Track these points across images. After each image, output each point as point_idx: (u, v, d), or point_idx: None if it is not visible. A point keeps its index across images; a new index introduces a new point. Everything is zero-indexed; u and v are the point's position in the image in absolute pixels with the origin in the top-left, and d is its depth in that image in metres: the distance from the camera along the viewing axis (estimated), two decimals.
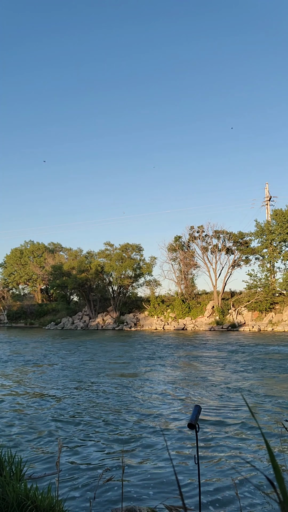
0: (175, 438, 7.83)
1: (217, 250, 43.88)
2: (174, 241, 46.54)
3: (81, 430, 8.43)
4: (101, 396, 11.51)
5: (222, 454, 7.02)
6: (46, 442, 7.70)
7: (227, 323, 39.91)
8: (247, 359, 18.96)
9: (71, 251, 55.48)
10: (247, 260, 44.60)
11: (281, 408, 9.92)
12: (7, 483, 3.86)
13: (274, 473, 0.70)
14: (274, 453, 6.75)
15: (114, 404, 10.59)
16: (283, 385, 12.80)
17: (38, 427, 8.64)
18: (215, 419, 9.01)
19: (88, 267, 47.20)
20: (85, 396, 11.54)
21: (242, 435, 7.96)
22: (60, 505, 3.87)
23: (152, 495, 5.55)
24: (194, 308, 43.99)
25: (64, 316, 49.62)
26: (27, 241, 64.82)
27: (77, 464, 6.63)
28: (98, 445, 7.52)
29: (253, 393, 11.73)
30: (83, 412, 9.80)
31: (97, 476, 5.99)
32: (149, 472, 6.31)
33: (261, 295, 40.54)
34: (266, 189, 49.34)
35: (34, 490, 3.82)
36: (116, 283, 47.00)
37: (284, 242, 42.56)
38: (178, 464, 6.59)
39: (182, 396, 11.60)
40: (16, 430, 8.41)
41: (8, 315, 54.86)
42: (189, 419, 2.99)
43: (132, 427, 8.58)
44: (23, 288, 63.86)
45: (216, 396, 11.37)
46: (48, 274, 53.63)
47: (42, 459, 6.80)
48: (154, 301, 45.99)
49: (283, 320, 38.62)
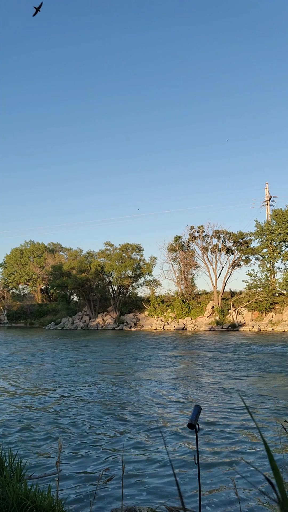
0: (175, 438, 7.84)
1: (217, 250, 43.88)
2: (174, 241, 46.55)
3: (81, 430, 8.43)
4: (100, 396, 11.51)
5: (222, 454, 7.03)
6: (46, 442, 7.70)
7: (227, 323, 39.91)
8: (247, 359, 18.96)
9: (71, 251, 55.47)
10: (247, 260, 44.62)
11: (281, 408, 9.92)
12: (7, 483, 3.87)
13: (273, 473, 0.70)
14: (273, 454, 6.72)
15: (113, 404, 10.60)
16: (283, 385, 12.80)
17: (38, 427, 8.65)
18: (215, 419, 9.01)
19: (88, 267, 47.19)
20: (84, 396, 11.54)
21: (242, 435, 7.97)
22: (60, 505, 3.87)
23: (152, 495, 5.56)
24: (194, 308, 43.98)
25: (64, 316, 49.60)
26: (27, 241, 64.87)
27: (77, 464, 6.64)
28: (98, 445, 7.52)
29: (252, 393, 11.73)
30: (82, 412, 9.81)
31: (97, 476, 6.00)
32: (149, 472, 6.31)
33: (261, 295, 40.55)
34: (266, 189, 49.35)
35: (34, 490, 3.83)
36: (116, 283, 46.99)
37: (284, 242, 42.56)
38: (178, 464, 6.60)
39: (182, 396, 11.60)
40: (16, 431, 8.41)
41: (8, 315, 54.85)
42: (189, 419, 2.99)
43: (132, 427, 8.59)
44: (23, 288, 63.87)
45: (216, 396, 11.37)
46: (48, 274, 53.62)
47: (42, 459, 6.81)
48: (154, 301, 45.98)
49: (283, 320, 38.62)
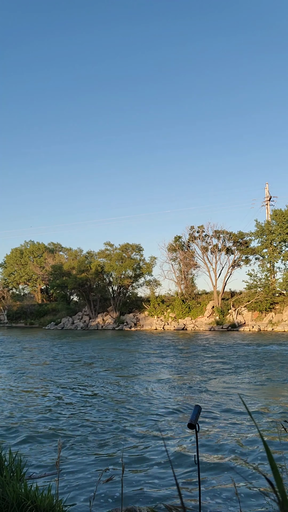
0: (174, 438, 7.84)
1: (217, 250, 43.86)
2: (174, 241, 46.52)
3: (81, 430, 8.43)
4: (100, 396, 11.51)
5: (222, 454, 7.03)
6: (46, 442, 7.71)
7: (227, 323, 39.90)
8: (247, 359, 18.96)
9: (71, 251, 55.46)
10: (247, 260, 44.60)
11: (280, 408, 9.92)
12: (7, 483, 3.86)
13: (273, 473, 0.70)
14: (273, 454, 6.71)
15: (113, 404, 10.59)
16: (282, 386, 12.80)
17: (38, 427, 8.65)
18: (215, 419, 9.01)
19: (88, 267, 47.18)
20: (84, 396, 11.54)
21: (242, 435, 7.97)
22: (60, 505, 3.87)
23: (152, 495, 5.56)
24: (194, 308, 43.97)
25: (64, 316, 49.58)
26: (27, 241, 64.86)
27: (77, 464, 6.64)
28: (98, 445, 7.52)
29: (252, 393, 11.73)
30: (82, 412, 9.81)
31: (97, 476, 5.99)
32: (149, 472, 6.31)
33: (261, 295, 40.54)
34: (266, 189, 49.33)
35: (34, 490, 3.82)
36: (116, 283, 46.99)
37: (284, 242, 42.56)
38: (177, 464, 6.60)
39: (182, 396, 11.60)
40: (16, 430, 8.41)
41: (8, 315, 54.84)
42: (189, 419, 2.99)
43: (132, 427, 8.59)
44: (23, 288, 63.87)
45: (216, 396, 11.37)
46: (48, 274, 53.62)
47: (42, 459, 6.81)
48: (154, 301, 45.96)
49: (283, 320, 38.62)
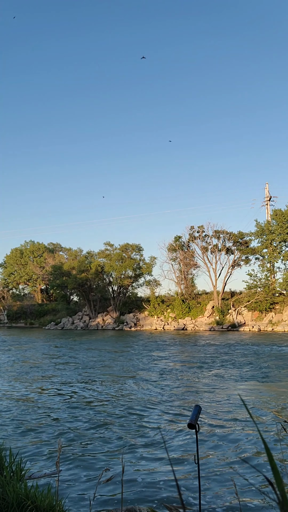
0: (174, 438, 7.84)
1: (217, 250, 43.87)
2: (174, 241, 46.52)
3: (81, 430, 8.43)
4: (100, 396, 11.51)
5: (222, 454, 7.03)
6: (46, 442, 7.70)
7: (227, 323, 39.90)
8: (246, 359, 18.96)
9: (71, 251, 55.46)
10: (247, 260, 44.62)
11: (280, 408, 9.92)
12: (7, 483, 3.87)
13: (273, 473, 0.70)
14: (273, 454, 6.72)
15: (113, 404, 10.60)
16: (282, 386, 12.80)
17: (38, 427, 8.64)
18: (215, 419, 9.01)
19: (88, 267, 47.18)
20: (84, 396, 11.54)
21: (242, 435, 7.97)
22: (60, 505, 3.87)
23: (152, 495, 5.56)
24: (194, 308, 43.97)
25: (64, 316, 49.58)
26: (27, 241, 64.87)
27: (77, 464, 6.64)
28: (98, 445, 7.52)
29: (252, 393, 11.73)
30: (83, 412, 9.81)
31: (97, 476, 6.00)
32: (149, 472, 6.31)
33: (261, 295, 40.53)
34: (266, 189, 49.33)
35: (34, 490, 3.82)
36: (116, 283, 46.99)
37: (284, 242, 42.56)
38: (177, 464, 6.60)
39: (182, 396, 11.60)
40: (16, 431, 8.41)
41: (8, 315, 54.84)
42: (189, 419, 2.99)
43: (132, 427, 8.59)
44: (23, 288, 63.90)
45: (216, 396, 11.37)
46: (48, 274, 53.61)
47: (42, 460, 6.81)
48: (154, 301, 45.96)
49: (283, 320, 38.62)
